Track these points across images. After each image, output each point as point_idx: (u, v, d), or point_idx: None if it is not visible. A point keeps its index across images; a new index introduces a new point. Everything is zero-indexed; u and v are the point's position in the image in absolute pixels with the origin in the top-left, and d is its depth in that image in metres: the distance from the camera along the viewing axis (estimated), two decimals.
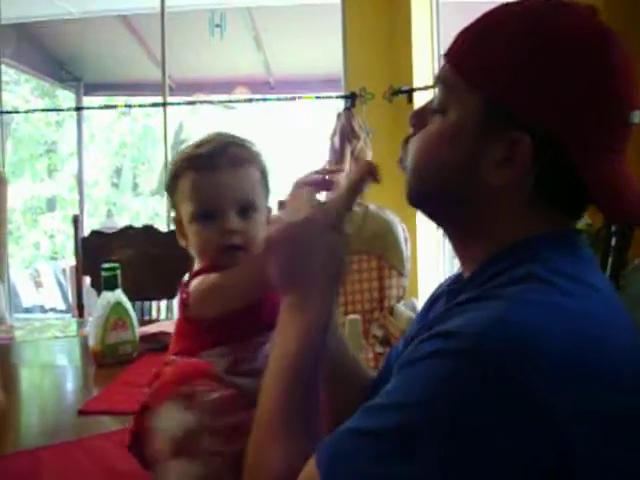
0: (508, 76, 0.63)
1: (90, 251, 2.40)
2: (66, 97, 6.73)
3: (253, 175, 0.89)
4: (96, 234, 2.52)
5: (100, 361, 1.47)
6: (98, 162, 7.68)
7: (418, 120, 0.72)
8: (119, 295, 1.50)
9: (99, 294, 1.53)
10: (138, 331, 1.54)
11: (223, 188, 0.86)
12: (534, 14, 0.65)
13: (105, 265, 1.50)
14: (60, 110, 6.86)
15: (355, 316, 2.30)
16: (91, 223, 6.70)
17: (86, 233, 2.51)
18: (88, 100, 6.38)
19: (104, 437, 1.05)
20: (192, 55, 5.25)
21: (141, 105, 6.08)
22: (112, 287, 1.49)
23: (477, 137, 0.65)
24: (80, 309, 2.39)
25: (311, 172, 0.80)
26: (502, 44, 0.64)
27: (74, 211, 4.96)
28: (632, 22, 2.10)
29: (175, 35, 4.28)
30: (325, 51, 4.59)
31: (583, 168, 0.63)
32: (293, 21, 5.04)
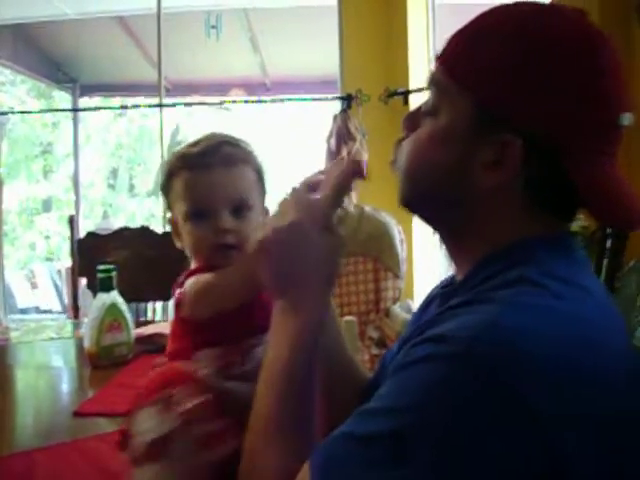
0: (499, 79, 0.64)
1: (86, 252, 2.40)
2: (62, 98, 6.72)
3: (247, 174, 0.89)
4: (92, 235, 2.51)
5: (95, 362, 1.47)
6: (94, 163, 7.66)
7: (410, 123, 0.72)
8: (115, 296, 1.50)
9: (95, 295, 1.53)
10: (133, 333, 1.54)
11: (216, 187, 0.86)
12: (525, 18, 0.65)
13: (101, 266, 1.50)
14: (56, 111, 6.87)
15: (351, 318, 2.30)
16: (87, 224, 6.68)
17: (82, 234, 2.50)
18: (84, 101, 6.38)
19: (99, 438, 1.05)
20: (188, 56, 5.24)
21: (137, 106, 6.08)
22: (108, 288, 1.49)
23: (468, 139, 0.66)
24: (75, 310, 2.38)
25: (316, 173, 0.78)
26: (493, 47, 0.64)
27: (70, 212, 4.93)
28: (626, 25, 2.10)
29: (171, 36, 4.27)
30: (321, 53, 4.60)
31: (574, 171, 0.63)
32: (289, 23, 5.04)
